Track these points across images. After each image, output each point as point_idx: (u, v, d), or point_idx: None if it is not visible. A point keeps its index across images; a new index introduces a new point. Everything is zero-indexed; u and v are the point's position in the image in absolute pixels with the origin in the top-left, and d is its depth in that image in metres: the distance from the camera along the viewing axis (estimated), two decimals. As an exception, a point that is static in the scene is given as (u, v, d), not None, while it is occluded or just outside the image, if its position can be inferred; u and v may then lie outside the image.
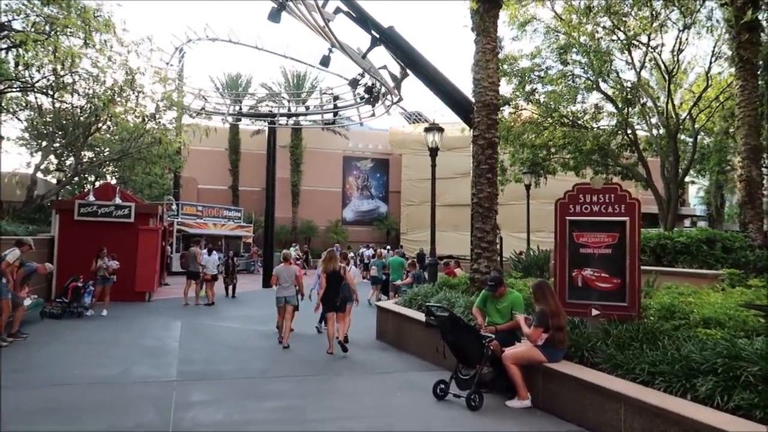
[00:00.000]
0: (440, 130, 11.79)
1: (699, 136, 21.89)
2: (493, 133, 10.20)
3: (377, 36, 10.97)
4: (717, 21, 19.20)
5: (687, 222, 42.72)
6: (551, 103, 20.53)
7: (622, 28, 20.00)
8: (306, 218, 42.01)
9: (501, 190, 24.93)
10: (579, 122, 21.78)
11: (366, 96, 17.29)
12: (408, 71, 12.98)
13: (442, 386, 6.74)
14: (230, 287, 18.59)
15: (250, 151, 42.52)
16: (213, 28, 35.89)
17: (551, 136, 21.30)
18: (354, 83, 14.46)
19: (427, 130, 11.73)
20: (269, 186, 23.37)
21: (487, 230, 10.05)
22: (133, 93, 17.33)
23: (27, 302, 11.15)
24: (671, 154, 20.70)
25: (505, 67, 20.54)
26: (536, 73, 19.88)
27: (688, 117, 21.49)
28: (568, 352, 6.50)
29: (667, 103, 20.32)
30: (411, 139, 44.18)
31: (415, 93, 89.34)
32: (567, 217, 7.23)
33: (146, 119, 17.99)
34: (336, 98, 20.34)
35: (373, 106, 18.20)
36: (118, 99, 16.92)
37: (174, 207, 27.10)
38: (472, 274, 10.16)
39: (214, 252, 17.90)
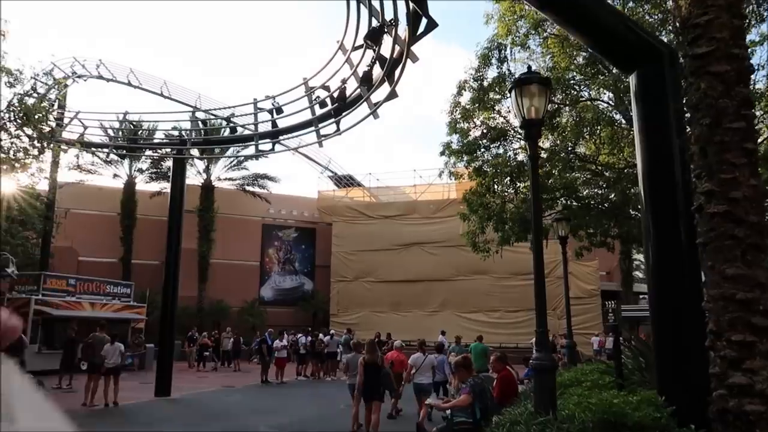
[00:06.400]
0: (545, 83, 5.60)
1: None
2: (745, 52, 4.32)
3: None
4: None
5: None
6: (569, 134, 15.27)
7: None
8: (216, 297, 34.22)
9: (488, 256, 18.75)
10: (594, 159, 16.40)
11: (354, 87, 10.99)
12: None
13: None
14: None
15: (147, 217, 34.79)
16: (109, 65, 28.71)
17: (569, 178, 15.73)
18: (375, 34, 8.54)
19: (518, 82, 5.49)
20: (172, 246, 16.09)
21: (760, 281, 3.93)
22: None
23: None
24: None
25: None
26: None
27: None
28: None
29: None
30: (342, 204, 38.81)
31: (349, 151, 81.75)
32: None
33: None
34: (279, 111, 13.49)
35: (337, 114, 11.85)
36: None
37: (12, 272, 17.15)
38: (739, 400, 3.82)
39: None
